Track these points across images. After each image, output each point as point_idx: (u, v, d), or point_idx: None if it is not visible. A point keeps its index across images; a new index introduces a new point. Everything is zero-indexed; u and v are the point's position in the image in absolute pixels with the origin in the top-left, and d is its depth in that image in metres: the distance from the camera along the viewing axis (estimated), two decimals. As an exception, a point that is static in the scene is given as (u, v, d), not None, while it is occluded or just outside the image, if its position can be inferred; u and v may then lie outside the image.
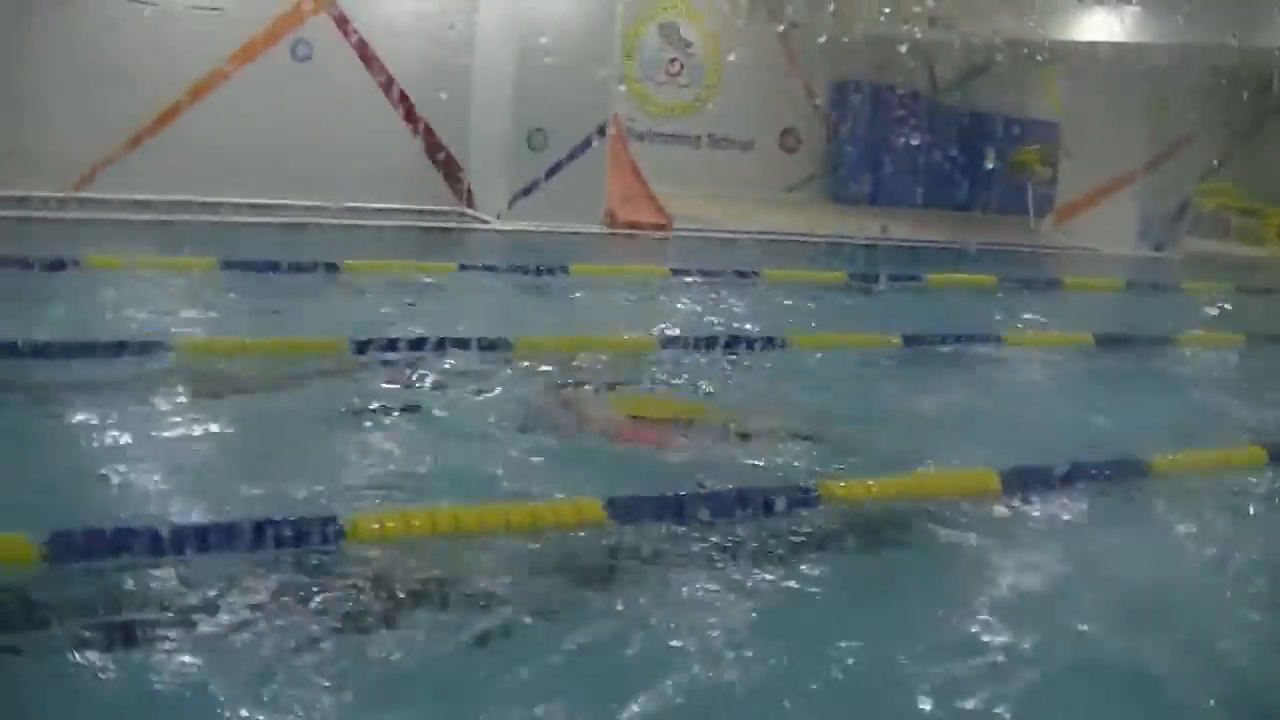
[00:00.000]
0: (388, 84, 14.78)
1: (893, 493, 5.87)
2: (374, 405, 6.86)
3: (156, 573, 4.48)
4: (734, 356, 8.57)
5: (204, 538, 4.65)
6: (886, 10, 16.29)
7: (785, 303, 11.18)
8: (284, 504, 5.09)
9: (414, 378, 7.43)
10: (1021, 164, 19.73)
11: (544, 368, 7.85)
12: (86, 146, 13.46)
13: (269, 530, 4.70)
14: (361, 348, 7.73)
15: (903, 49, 17.01)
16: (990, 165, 18.68)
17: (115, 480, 5.45)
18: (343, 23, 14.54)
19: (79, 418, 6.29)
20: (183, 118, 13.87)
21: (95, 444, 5.92)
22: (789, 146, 20.40)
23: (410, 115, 14.84)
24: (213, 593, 4.38)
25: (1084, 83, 18.45)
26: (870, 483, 5.86)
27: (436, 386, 7.33)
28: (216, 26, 13.96)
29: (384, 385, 7.26)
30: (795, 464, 6.28)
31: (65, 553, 4.44)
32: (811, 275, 12.61)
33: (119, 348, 7.35)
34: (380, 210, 14.06)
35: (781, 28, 18.44)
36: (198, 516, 4.99)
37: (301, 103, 13.93)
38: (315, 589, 4.49)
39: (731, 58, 18.92)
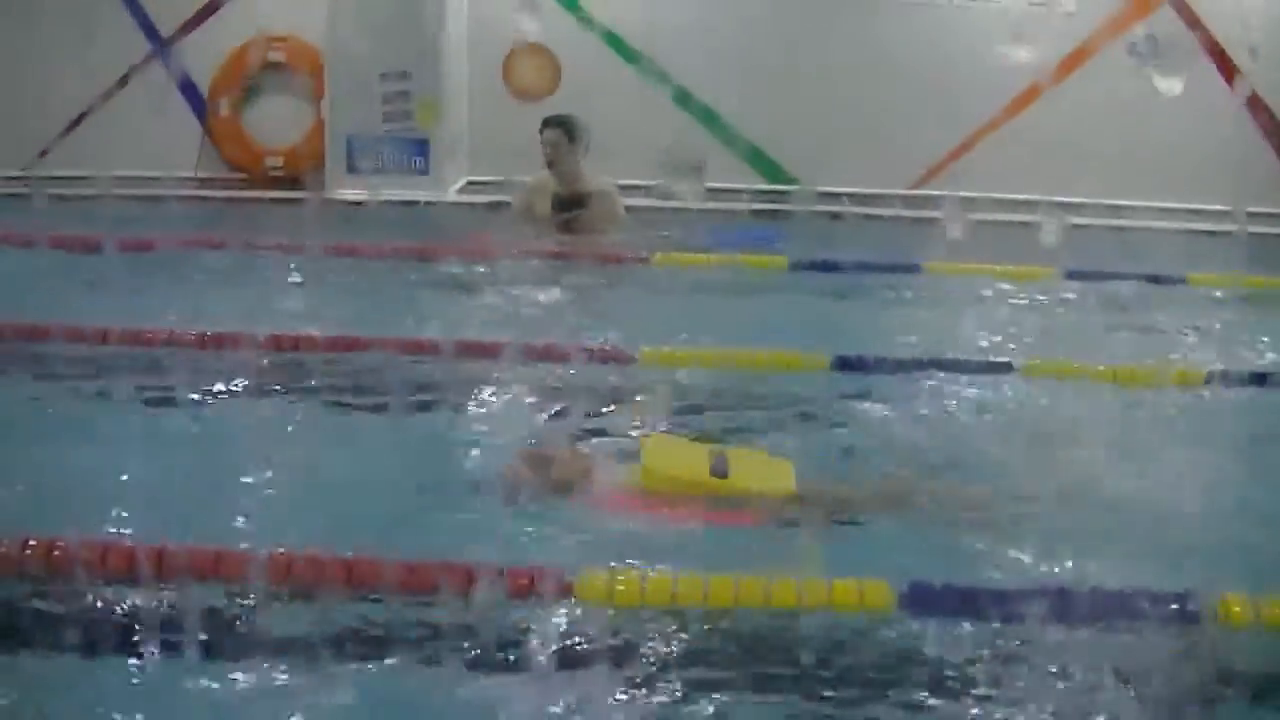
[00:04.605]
0: (1237, 82, 13.91)
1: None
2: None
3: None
4: None
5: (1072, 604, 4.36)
6: None
7: None
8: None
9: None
10: None
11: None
12: (924, 145, 13.86)
13: (1130, 602, 4.35)
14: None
15: None
16: None
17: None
18: (1189, 16, 13.88)
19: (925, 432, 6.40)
20: (1018, 116, 13.90)
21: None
22: None
23: (1261, 114, 13.96)
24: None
25: None
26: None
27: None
28: (1052, 22, 13.80)
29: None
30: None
31: (920, 605, 4.40)
32: None
33: (962, 365, 7.33)
34: (1220, 213, 13.28)
35: None
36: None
37: (1140, 99, 13.45)
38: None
39: None
